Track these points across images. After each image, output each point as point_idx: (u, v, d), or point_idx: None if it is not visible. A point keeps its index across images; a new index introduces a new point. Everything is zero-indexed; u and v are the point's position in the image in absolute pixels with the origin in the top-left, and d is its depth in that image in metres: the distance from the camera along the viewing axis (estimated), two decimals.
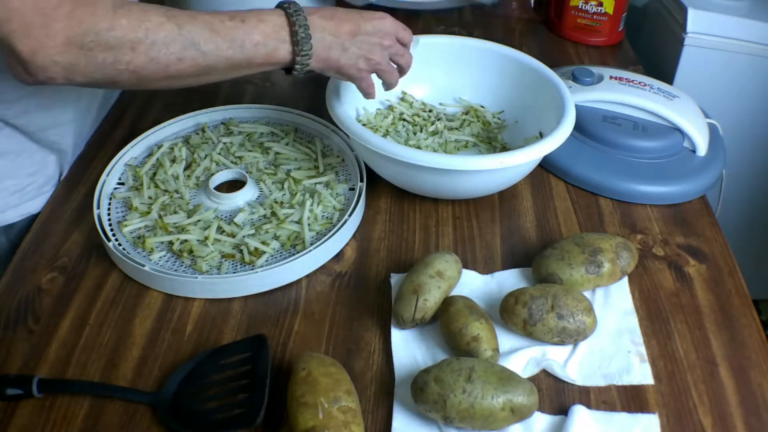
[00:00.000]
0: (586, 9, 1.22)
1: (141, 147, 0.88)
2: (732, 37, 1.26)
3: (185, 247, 0.74)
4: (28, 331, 0.68)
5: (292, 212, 0.79)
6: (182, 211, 0.79)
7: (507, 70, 0.93)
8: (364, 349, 0.68)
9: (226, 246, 0.75)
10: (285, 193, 0.82)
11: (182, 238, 0.75)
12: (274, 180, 0.85)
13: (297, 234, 0.77)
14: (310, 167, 0.87)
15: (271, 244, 0.75)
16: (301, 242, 0.76)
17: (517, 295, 0.67)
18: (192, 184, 0.84)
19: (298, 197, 0.81)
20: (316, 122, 0.93)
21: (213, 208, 0.80)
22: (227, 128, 0.93)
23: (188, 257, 0.74)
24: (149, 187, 0.82)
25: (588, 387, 0.64)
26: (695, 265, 0.78)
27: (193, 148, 0.89)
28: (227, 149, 0.89)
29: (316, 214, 0.79)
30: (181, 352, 0.67)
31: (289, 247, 0.76)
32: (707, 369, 0.66)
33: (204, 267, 0.72)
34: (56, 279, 0.73)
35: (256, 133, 0.92)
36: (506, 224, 0.83)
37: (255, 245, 0.75)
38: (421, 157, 0.73)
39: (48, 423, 0.60)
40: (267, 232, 0.77)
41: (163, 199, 0.80)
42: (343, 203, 0.82)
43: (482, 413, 0.57)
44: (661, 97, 0.92)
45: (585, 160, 0.89)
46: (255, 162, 0.87)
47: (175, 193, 0.82)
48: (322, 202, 0.81)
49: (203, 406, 0.61)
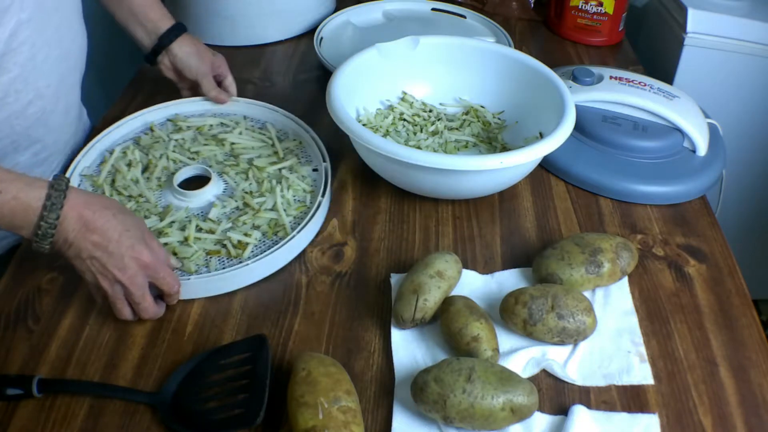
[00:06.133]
0: (586, 9, 1.22)
1: (93, 155, 0.86)
2: (732, 37, 1.26)
3: (168, 249, 0.74)
4: (28, 331, 0.68)
5: (264, 200, 0.80)
6: (153, 215, 0.78)
7: (507, 70, 0.93)
8: (364, 349, 0.68)
9: (209, 243, 0.75)
10: (251, 183, 0.83)
11: (163, 242, 0.74)
12: (238, 171, 0.85)
13: (275, 221, 0.78)
14: (270, 154, 0.88)
15: (253, 234, 0.76)
16: (282, 228, 0.77)
17: (517, 295, 0.67)
18: (155, 186, 0.83)
19: (266, 185, 0.82)
20: (264, 108, 0.94)
21: (183, 207, 0.80)
22: (175, 125, 0.92)
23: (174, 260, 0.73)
24: (112, 195, 0.81)
25: (588, 387, 0.64)
26: (695, 265, 0.78)
27: (146, 149, 0.88)
28: (181, 146, 0.89)
29: (288, 199, 0.80)
30: (181, 352, 0.67)
31: (272, 234, 0.77)
32: (707, 369, 0.66)
33: (192, 267, 0.72)
34: (56, 279, 0.73)
35: (206, 126, 0.92)
36: (506, 224, 0.83)
37: (238, 238, 0.75)
38: (421, 157, 0.73)
39: (48, 423, 0.60)
40: (245, 224, 0.77)
41: (130, 205, 0.79)
42: (311, 184, 0.84)
43: (482, 413, 0.57)
44: (661, 97, 0.92)
45: (585, 160, 0.89)
46: (213, 155, 0.87)
47: (140, 197, 0.81)
48: (292, 186, 0.82)
49: (203, 406, 0.61)
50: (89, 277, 0.65)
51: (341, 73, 0.85)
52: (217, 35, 1.18)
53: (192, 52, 0.91)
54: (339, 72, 0.85)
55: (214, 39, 1.18)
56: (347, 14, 1.22)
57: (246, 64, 1.14)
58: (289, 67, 1.14)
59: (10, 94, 0.70)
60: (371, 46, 0.91)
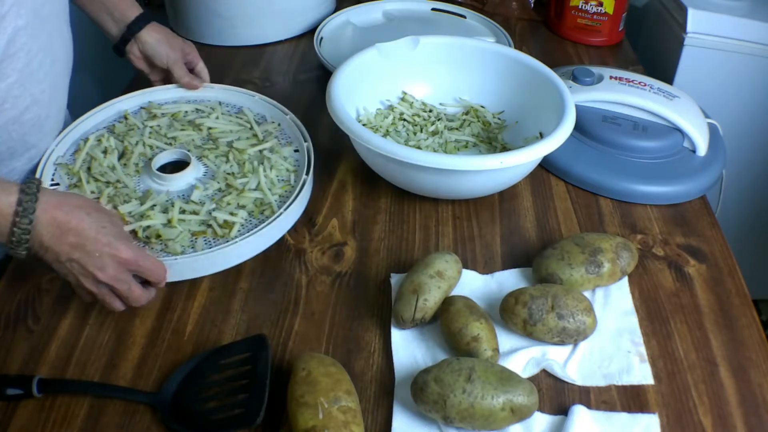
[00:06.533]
0: (586, 9, 1.22)
1: (66, 144, 0.83)
2: (732, 37, 1.26)
3: (151, 233, 0.73)
4: (28, 331, 0.68)
5: (247, 180, 0.79)
6: (133, 199, 0.76)
7: (507, 70, 0.93)
8: (364, 349, 0.68)
9: (194, 224, 0.74)
10: (232, 165, 0.82)
11: (145, 225, 0.73)
12: (217, 154, 0.83)
13: (261, 201, 0.77)
14: (249, 137, 0.86)
15: (239, 214, 0.75)
16: (269, 207, 0.76)
17: (517, 295, 0.67)
18: (132, 172, 0.81)
19: (248, 166, 0.81)
20: (239, 93, 0.93)
21: (164, 191, 0.78)
22: (149, 112, 0.90)
23: (157, 242, 0.72)
24: (89, 182, 0.79)
25: (588, 387, 0.64)
26: (695, 265, 0.78)
27: (121, 137, 0.85)
28: (157, 132, 0.87)
29: (272, 179, 0.80)
30: (181, 352, 0.67)
31: (258, 213, 0.76)
32: (707, 369, 0.66)
33: (178, 248, 0.71)
34: (56, 279, 0.73)
35: (181, 113, 0.90)
36: (506, 224, 0.83)
37: (224, 218, 0.74)
38: (421, 157, 0.73)
39: (48, 423, 0.60)
40: (229, 204, 0.76)
41: (108, 191, 0.77)
42: (294, 164, 0.83)
43: (482, 413, 0.57)
44: (661, 97, 0.92)
45: (585, 160, 0.89)
46: (191, 140, 0.86)
47: (117, 183, 0.79)
48: (274, 166, 0.81)
49: (203, 406, 0.61)
50: (72, 279, 0.64)
51: (341, 73, 0.85)
52: (217, 35, 1.18)
53: (161, 38, 0.90)
54: (339, 72, 0.85)
55: (214, 39, 1.18)
56: (347, 14, 1.22)
57: (246, 64, 1.14)
58: (289, 67, 1.14)
59: (8, 99, 0.70)
60: (371, 46, 0.91)
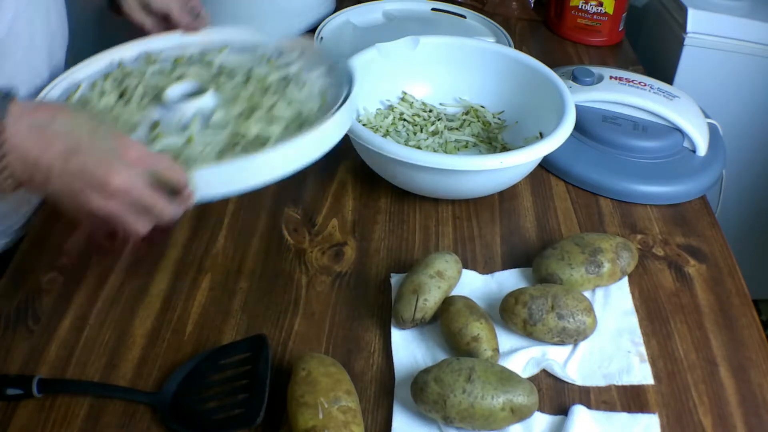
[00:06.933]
0: (586, 9, 1.22)
1: (55, 93, 0.72)
2: (732, 37, 1.26)
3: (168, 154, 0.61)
4: (28, 331, 0.68)
5: (276, 97, 0.67)
6: (140, 129, 0.65)
7: (507, 70, 0.93)
8: (364, 349, 0.68)
9: (218, 143, 0.62)
10: (255, 92, 0.70)
11: (158, 148, 0.61)
12: (234, 85, 0.71)
13: (297, 115, 0.66)
14: (269, 65, 0.75)
15: (272, 127, 0.63)
16: (307, 121, 0.65)
17: (517, 295, 0.67)
18: (135, 110, 0.68)
19: (273, 87, 0.69)
20: (251, 33, 0.81)
21: (176, 119, 0.66)
22: (148, 59, 0.77)
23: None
24: None
25: (588, 387, 0.64)
26: (695, 265, 0.78)
27: (118, 81, 0.73)
28: (160, 72, 0.74)
29: (305, 96, 0.69)
30: (181, 352, 0.67)
31: (296, 128, 0.64)
32: (707, 369, 0.66)
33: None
34: (56, 279, 0.73)
35: (185, 57, 0.77)
36: (506, 224, 0.83)
37: (255, 131, 0.62)
38: (421, 157, 0.73)
39: (48, 423, 0.60)
40: (260, 121, 0.65)
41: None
42: (327, 84, 0.72)
43: (482, 413, 0.57)
44: (661, 97, 0.92)
45: (585, 160, 0.89)
46: (201, 77, 0.73)
47: (118, 119, 0.67)
48: (306, 85, 0.70)
49: (203, 406, 0.61)
50: (74, 204, 0.52)
51: None
52: None
53: None
54: None
55: None
56: (347, 14, 1.22)
57: None
58: None
59: (17, 75, 0.70)
60: (371, 46, 0.91)
